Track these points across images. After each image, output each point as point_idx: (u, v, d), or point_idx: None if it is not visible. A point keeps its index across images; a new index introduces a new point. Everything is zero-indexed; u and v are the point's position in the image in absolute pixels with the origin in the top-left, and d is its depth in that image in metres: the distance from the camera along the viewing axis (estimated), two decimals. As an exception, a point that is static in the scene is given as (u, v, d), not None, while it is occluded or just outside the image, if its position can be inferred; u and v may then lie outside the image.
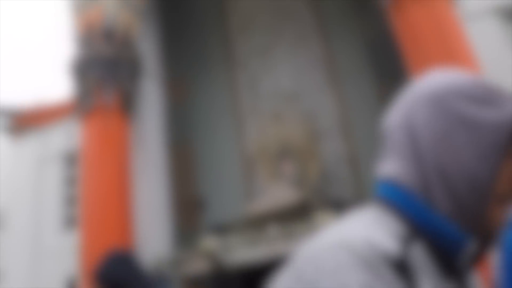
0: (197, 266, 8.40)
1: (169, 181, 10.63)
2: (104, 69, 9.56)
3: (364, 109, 10.49)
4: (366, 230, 0.63)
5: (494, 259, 1.05)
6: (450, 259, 0.67)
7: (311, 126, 10.94)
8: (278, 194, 9.11)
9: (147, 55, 10.96)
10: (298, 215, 7.82)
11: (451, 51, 7.41)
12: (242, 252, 8.06)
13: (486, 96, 0.71)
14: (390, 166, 0.73)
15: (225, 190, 11.20)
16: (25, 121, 12.40)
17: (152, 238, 9.07)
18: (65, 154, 11.64)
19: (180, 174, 11.19)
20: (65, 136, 11.52)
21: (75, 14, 10.28)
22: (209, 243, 8.36)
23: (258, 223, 8.23)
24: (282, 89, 11.58)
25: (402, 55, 8.19)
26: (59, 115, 11.90)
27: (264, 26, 12.24)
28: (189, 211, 10.84)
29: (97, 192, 8.58)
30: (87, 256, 7.85)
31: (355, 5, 11.33)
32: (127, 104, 9.69)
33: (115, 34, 9.83)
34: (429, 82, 0.75)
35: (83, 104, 9.52)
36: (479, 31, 8.03)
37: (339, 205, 7.85)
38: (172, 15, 12.65)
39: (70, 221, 10.92)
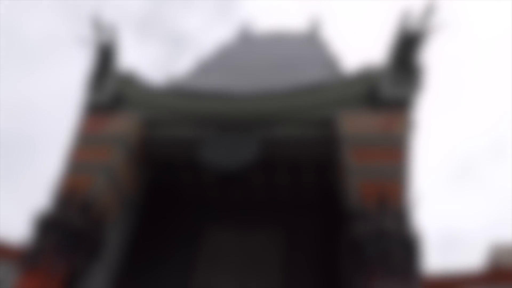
0: None
1: None
2: (66, 238, 9.42)
3: None
4: None
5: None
6: None
7: None
8: None
9: (110, 243, 10.87)
10: None
11: None
12: None
13: None
14: None
15: None
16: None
17: None
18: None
19: None
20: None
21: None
22: None
23: None
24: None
25: None
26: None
27: (232, 267, 11.57)
28: None
29: None
30: None
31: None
32: (71, 280, 9.38)
33: (91, 209, 9.82)
34: None
35: (31, 258, 9.19)
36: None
37: None
38: (152, 221, 12.60)
39: None
